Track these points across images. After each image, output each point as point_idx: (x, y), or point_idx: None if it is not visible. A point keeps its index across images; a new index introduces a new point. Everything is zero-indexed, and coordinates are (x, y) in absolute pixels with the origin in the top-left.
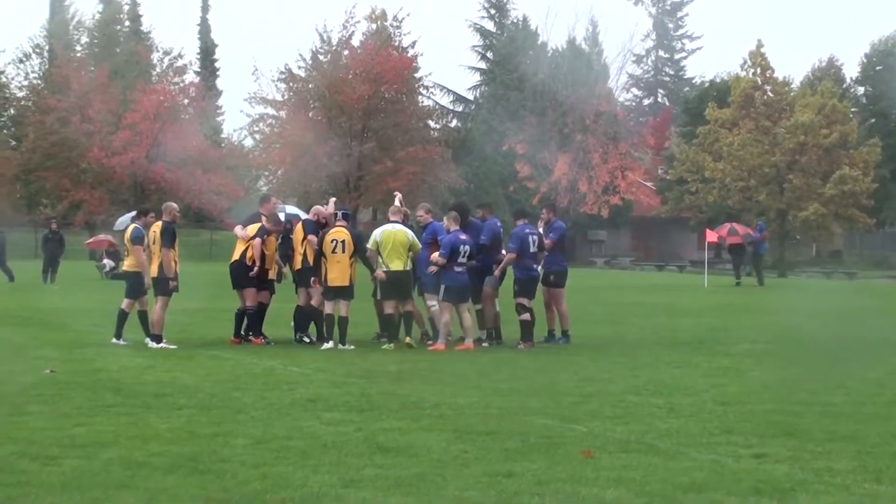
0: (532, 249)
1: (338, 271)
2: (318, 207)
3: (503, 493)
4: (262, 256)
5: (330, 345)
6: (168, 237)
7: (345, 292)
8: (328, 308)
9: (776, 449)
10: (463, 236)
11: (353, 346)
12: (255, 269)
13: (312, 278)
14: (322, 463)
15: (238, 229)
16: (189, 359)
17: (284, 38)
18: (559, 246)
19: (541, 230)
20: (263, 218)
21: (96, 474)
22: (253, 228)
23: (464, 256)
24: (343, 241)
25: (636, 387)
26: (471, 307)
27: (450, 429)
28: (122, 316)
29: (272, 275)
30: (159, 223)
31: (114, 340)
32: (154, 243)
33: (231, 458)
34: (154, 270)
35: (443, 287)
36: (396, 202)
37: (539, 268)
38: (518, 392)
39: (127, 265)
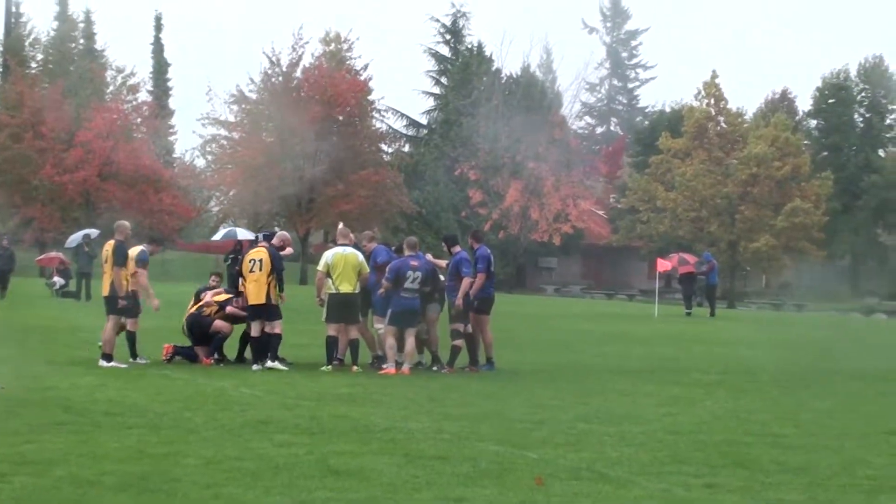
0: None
1: (254, 290)
2: (284, 233)
3: None
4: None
5: (258, 366)
6: (120, 256)
7: (262, 311)
8: (254, 330)
9: (727, 479)
10: (414, 262)
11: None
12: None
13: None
14: (274, 484)
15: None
16: (139, 378)
17: (239, 58)
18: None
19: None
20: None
21: (46, 492)
22: (221, 297)
23: (413, 282)
24: (260, 260)
25: (587, 414)
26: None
27: (401, 453)
28: (131, 336)
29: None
30: (111, 242)
31: (130, 360)
32: (106, 262)
33: (182, 477)
34: (105, 289)
35: (389, 311)
36: (341, 226)
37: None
38: (469, 417)
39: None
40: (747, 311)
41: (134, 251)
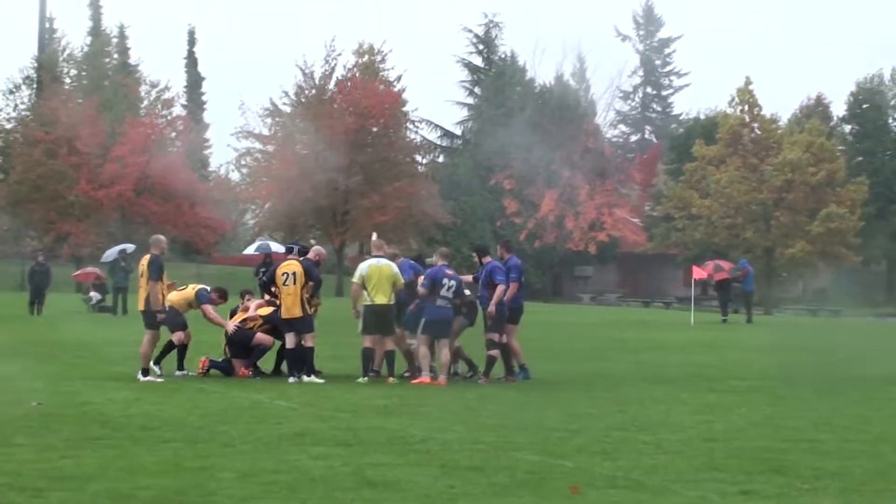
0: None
1: (289, 303)
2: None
3: None
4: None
5: (294, 379)
6: (155, 270)
7: (298, 324)
8: (290, 342)
9: (763, 486)
10: (449, 271)
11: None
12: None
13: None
14: (310, 497)
15: (252, 307)
16: (175, 392)
17: (272, 71)
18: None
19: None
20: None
21: None
22: (265, 311)
23: (448, 290)
24: (294, 273)
25: (623, 423)
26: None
27: (437, 464)
28: (180, 349)
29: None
30: (147, 256)
31: (176, 372)
32: (142, 276)
33: (218, 491)
34: (141, 303)
35: (423, 320)
36: (375, 237)
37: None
38: (505, 427)
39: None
40: (784, 317)
41: (194, 288)
